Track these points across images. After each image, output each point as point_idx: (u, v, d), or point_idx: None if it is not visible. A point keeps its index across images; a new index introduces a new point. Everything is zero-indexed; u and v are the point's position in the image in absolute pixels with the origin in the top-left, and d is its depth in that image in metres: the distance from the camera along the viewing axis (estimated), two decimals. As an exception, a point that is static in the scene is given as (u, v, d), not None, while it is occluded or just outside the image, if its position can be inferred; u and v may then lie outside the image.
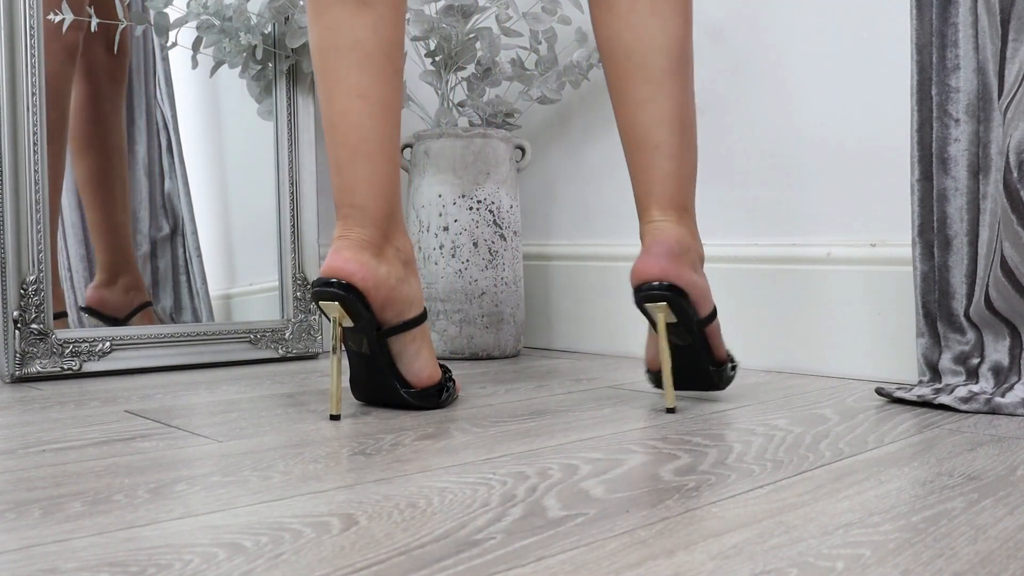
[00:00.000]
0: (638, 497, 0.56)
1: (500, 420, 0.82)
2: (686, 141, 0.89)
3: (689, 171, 0.90)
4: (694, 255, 0.88)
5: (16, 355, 1.10)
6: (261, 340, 1.30)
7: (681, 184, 0.89)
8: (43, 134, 1.12)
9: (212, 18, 1.25)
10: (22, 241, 1.10)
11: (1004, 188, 0.84)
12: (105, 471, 0.62)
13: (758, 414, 0.85)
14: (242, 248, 1.40)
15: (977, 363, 0.91)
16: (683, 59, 0.89)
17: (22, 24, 1.11)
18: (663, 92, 0.88)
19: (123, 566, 0.43)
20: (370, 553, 0.45)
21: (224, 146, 1.41)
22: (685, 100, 0.89)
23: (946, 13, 0.92)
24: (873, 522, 0.50)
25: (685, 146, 0.89)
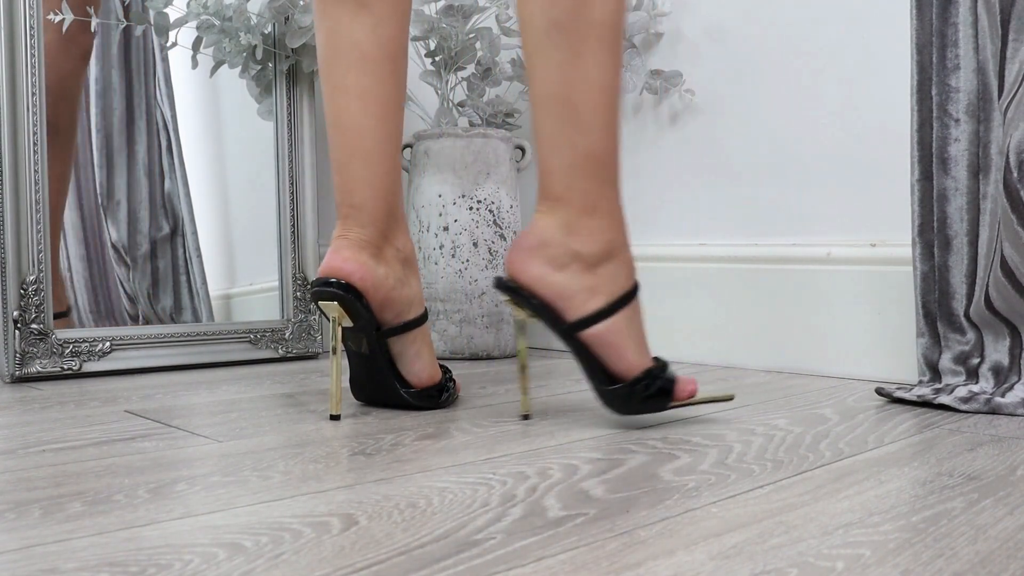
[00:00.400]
0: (638, 497, 0.56)
1: (500, 420, 0.82)
2: (567, 121, 0.76)
3: (569, 157, 0.77)
4: (560, 250, 0.77)
5: (16, 355, 1.10)
6: (261, 340, 1.30)
7: (555, 171, 0.78)
8: (43, 134, 1.12)
9: (212, 18, 1.25)
10: (22, 241, 1.10)
11: (1004, 188, 0.84)
12: (105, 471, 0.62)
13: (758, 414, 0.85)
14: (242, 248, 1.40)
15: (977, 363, 0.91)
16: (570, 25, 0.75)
17: (22, 24, 1.11)
18: (540, 63, 0.77)
19: (123, 566, 0.43)
20: (370, 553, 0.45)
21: (224, 146, 1.41)
22: (569, 74, 0.76)
23: (946, 13, 0.92)
24: (873, 522, 0.50)
25: (563, 127, 0.77)
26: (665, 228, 1.33)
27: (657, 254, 1.32)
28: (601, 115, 0.77)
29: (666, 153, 1.33)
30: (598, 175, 0.77)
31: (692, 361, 1.26)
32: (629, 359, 0.77)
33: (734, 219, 1.24)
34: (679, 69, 1.28)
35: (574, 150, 0.77)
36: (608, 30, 0.76)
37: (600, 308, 0.77)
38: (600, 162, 0.77)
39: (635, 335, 0.79)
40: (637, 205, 1.37)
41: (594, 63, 0.76)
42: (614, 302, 0.78)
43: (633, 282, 0.80)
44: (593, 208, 0.77)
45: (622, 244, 0.80)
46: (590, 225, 0.77)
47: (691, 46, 1.29)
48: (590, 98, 0.76)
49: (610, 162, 0.78)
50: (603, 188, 0.78)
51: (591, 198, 0.77)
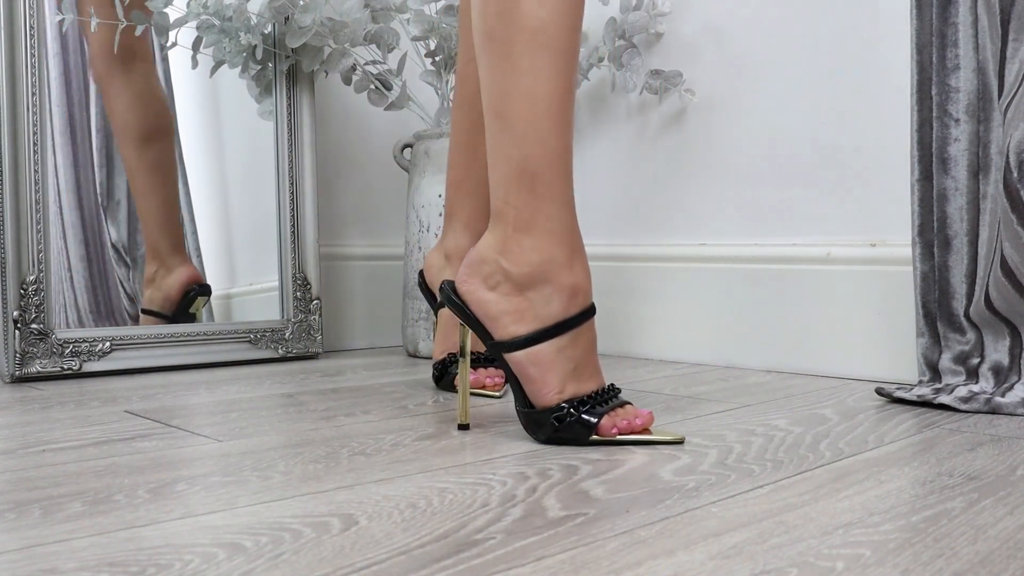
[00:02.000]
0: (638, 497, 0.56)
1: (500, 420, 0.82)
2: (501, 132, 0.73)
3: (504, 170, 0.74)
4: (492, 268, 0.74)
5: (16, 355, 1.10)
6: (261, 340, 1.30)
7: (494, 185, 0.75)
8: (43, 134, 1.12)
9: (212, 18, 1.25)
10: (22, 241, 1.10)
11: (1004, 188, 0.84)
12: (105, 471, 0.62)
13: (758, 414, 0.85)
14: (242, 248, 1.40)
15: (977, 363, 0.91)
16: (500, 34, 0.72)
17: (22, 24, 1.11)
18: (481, 74, 0.75)
19: (123, 566, 0.43)
20: (370, 553, 0.45)
21: (224, 146, 1.41)
22: (502, 84, 0.73)
23: (946, 13, 0.92)
24: (873, 522, 0.50)
25: (499, 139, 0.74)
26: (665, 228, 1.33)
27: (657, 254, 1.32)
28: (535, 126, 0.72)
29: (666, 153, 1.33)
30: (534, 190, 0.72)
31: (692, 361, 1.26)
32: (546, 392, 0.72)
33: (734, 219, 1.24)
34: (679, 69, 1.28)
35: (509, 163, 0.73)
36: (541, 35, 0.71)
37: (521, 336, 0.72)
38: (535, 176, 0.72)
39: (562, 366, 0.72)
40: (637, 205, 1.37)
41: (527, 71, 0.72)
42: (538, 332, 0.72)
43: (574, 310, 0.73)
44: (527, 226, 0.73)
45: (560, 266, 0.73)
46: (523, 244, 0.73)
47: (691, 46, 1.29)
48: (522, 108, 0.72)
49: (550, 176, 0.73)
50: (540, 204, 0.73)
51: (525, 214, 0.73)
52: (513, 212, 0.73)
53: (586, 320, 0.74)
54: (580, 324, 0.73)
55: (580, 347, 0.73)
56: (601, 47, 1.33)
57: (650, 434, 0.72)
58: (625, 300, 1.36)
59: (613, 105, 1.39)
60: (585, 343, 0.74)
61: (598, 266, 1.41)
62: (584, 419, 0.71)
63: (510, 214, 0.74)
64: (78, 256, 1.27)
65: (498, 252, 0.74)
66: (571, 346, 0.73)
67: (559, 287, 0.73)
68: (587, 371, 0.74)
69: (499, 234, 0.74)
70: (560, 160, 0.73)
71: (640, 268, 1.34)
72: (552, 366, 0.72)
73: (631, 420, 0.72)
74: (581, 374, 0.73)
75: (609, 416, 0.72)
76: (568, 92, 0.73)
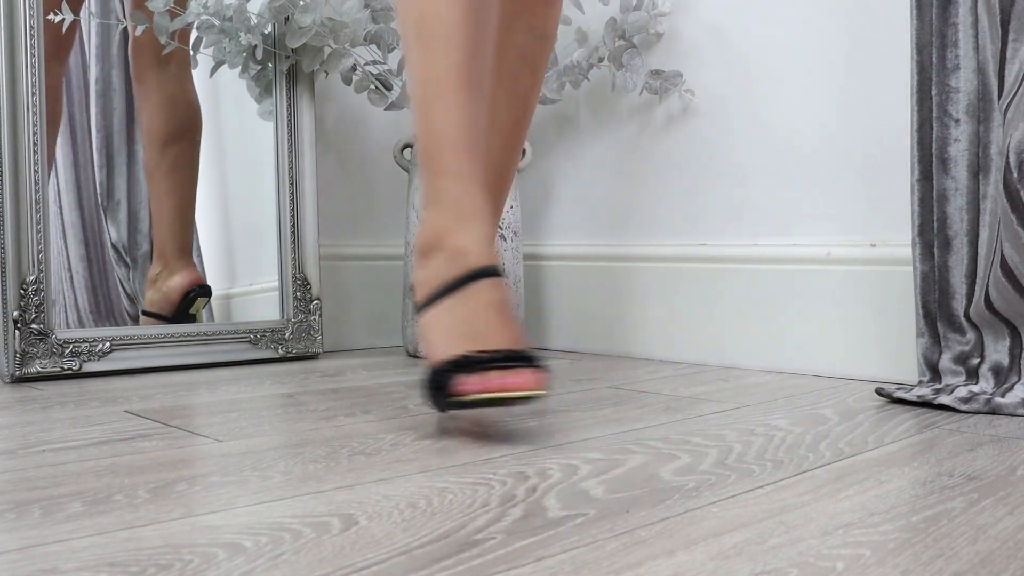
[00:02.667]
0: (638, 497, 0.56)
1: (500, 420, 0.82)
2: (419, 121, 0.80)
3: (424, 164, 0.80)
4: (414, 244, 0.82)
5: (16, 355, 1.10)
6: (261, 340, 1.30)
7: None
8: (43, 134, 1.12)
9: (212, 18, 1.25)
10: (22, 241, 1.10)
11: (1004, 188, 0.84)
12: (105, 471, 0.62)
13: (758, 414, 0.85)
14: (242, 248, 1.40)
15: (977, 363, 0.91)
16: (400, 27, 0.80)
17: (22, 24, 1.11)
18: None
19: (123, 566, 0.43)
20: (370, 553, 0.45)
21: (224, 146, 1.41)
22: (415, 77, 0.80)
23: (946, 13, 0.92)
24: (873, 522, 0.50)
25: (418, 127, 0.80)
26: (665, 228, 1.33)
27: (657, 254, 1.32)
28: (424, 109, 0.79)
29: (666, 153, 1.33)
30: (429, 167, 0.79)
31: (692, 361, 1.26)
32: (432, 353, 0.74)
33: (734, 219, 1.24)
34: (679, 69, 1.28)
35: (424, 155, 0.80)
36: (423, 27, 0.79)
37: (418, 302, 0.78)
38: (428, 155, 0.79)
39: (448, 327, 0.74)
40: (637, 205, 1.37)
41: (414, 61, 0.80)
42: (428, 296, 0.76)
43: (457, 271, 0.75)
44: (427, 201, 0.80)
45: (449, 232, 0.77)
46: (424, 218, 0.80)
47: (691, 46, 1.29)
48: (415, 94, 0.80)
49: (438, 153, 0.79)
50: (433, 179, 0.79)
51: (426, 191, 0.80)
52: (422, 191, 0.81)
53: (473, 280, 0.75)
54: (465, 284, 0.74)
55: (471, 307, 0.74)
56: (601, 47, 1.33)
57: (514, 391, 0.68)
58: (625, 300, 1.36)
59: (613, 105, 1.39)
60: (478, 304, 0.74)
61: (598, 266, 1.41)
62: (442, 377, 0.71)
63: (423, 194, 0.81)
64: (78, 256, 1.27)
65: (417, 230, 0.82)
66: (460, 306, 0.74)
67: (446, 253, 0.77)
68: (485, 333, 0.73)
69: (425, 218, 0.81)
70: (448, 136, 0.78)
71: (640, 268, 1.34)
72: (438, 327, 0.75)
73: (502, 379, 0.69)
74: (475, 335, 0.72)
75: (480, 375, 0.69)
76: (454, 74, 0.78)
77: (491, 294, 0.75)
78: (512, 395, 0.69)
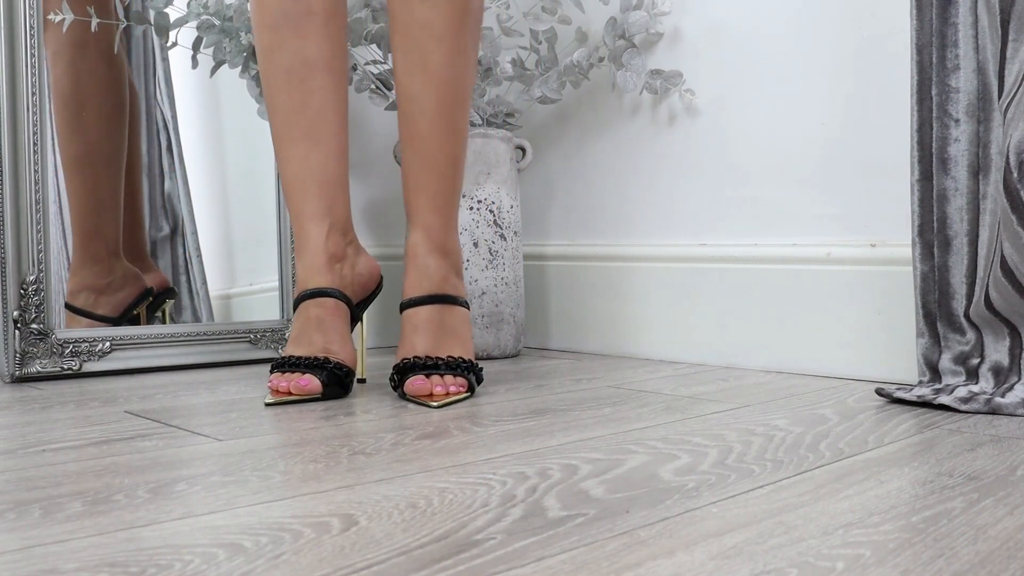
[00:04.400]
0: (638, 497, 0.56)
1: (500, 420, 0.82)
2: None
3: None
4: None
5: (16, 355, 1.10)
6: (261, 340, 1.30)
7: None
8: (43, 134, 1.12)
9: (212, 18, 1.25)
10: (22, 241, 1.10)
11: (1004, 188, 0.84)
12: (105, 471, 0.62)
13: (758, 414, 0.85)
14: (242, 248, 1.40)
15: (977, 363, 0.91)
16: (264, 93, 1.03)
17: (22, 24, 1.11)
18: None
19: (123, 566, 0.43)
20: (370, 553, 0.45)
21: (224, 146, 1.41)
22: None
23: (946, 13, 0.92)
24: (873, 522, 0.50)
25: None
26: (665, 228, 1.33)
27: (657, 254, 1.32)
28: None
29: (666, 153, 1.33)
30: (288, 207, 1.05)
31: (692, 361, 1.26)
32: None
33: (734, 219, 1.24)
34: (679, 69, 1.28)
35: None
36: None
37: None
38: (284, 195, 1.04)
39: (289, 337, 1.00)
40: (637, 205, 1.37)
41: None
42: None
43: (296, 295, 0.99)
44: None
45: (297, 263, 1.02)
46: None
47: (691, 46, 1.29)
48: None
49: (286, 196, 1.02)
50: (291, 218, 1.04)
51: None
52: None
53: (301, 301, 0.98)
54: (298, 304, 0.98)
55: (299, 321, 0.97)
56: (601, 47, 1.33)
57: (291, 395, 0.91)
58: (625, 300, 1.36)
59: (613, 105, 1.39)
60: (302, 319, 0.97)
61: (599, 266, 1.41)
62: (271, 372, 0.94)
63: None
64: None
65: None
66: (296, 319, 0.97)
67: (297, 279, 1.03)
68: (300, 340, 0.95)
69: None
70: (289, 181, 1.01)
71: (640, 268, 1.34)
72: (289, 337, 1.03)
73: (292, 380, 0.91)
74: (296, 342, 0.95)
75: (281, 375, 0.92)
76: (284, 131, 1.00)
77: (312, 311, 0.96)
78: (296, 396, 0.91)
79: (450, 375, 0.92)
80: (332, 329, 0.95)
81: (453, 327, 0.97)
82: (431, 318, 0.96)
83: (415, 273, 0.98)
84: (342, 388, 0.94)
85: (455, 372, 0.93)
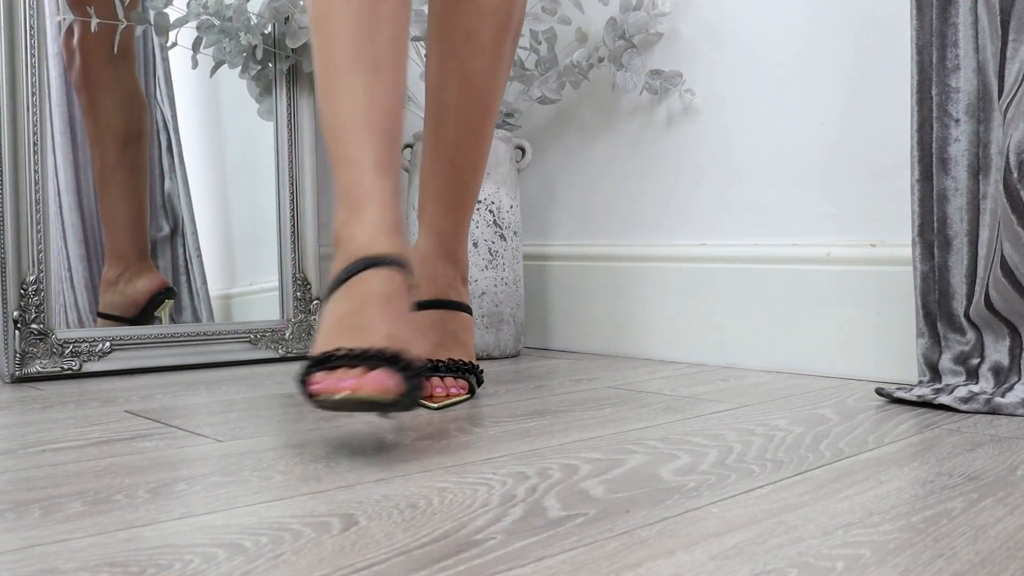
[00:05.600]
0: (638, 497, 0.56)
1: (500, 420, 0.82)
2: (319, 112, 0.84)
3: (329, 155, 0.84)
4: None
5: (16, 355, 1.10)
6: (261, 340, 1.30)
7: None
8: (43, 134, 1.12)
9: (212, 18, 1.25)
10: (22, 241, 1.10)
11: (1004, 188, 0.84)
12: (105, 471, 0.62)
13: (758, 414, 0.85)
14: (242, 248, 1.40)
15: (977, 363, 0.91)
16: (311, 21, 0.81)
17: (22, 24, 1.11)
18: None
19: (123, 566, 0.43)
20: (370, 553, 0.45)
21: (224, 146, 1.41)
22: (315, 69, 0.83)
23: (946, 13, 0.92)
24: (873, 522, 0.50)
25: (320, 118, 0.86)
26: (665, 228, 1.33)
27: (657, 254, 1.32)
28: (317, 96, 0.82)
29: (666, 153, 1.33)
30: (331, 158, 0.81)
31: (692, 361, 1.26)
32: (313, 348, 0.70)
33: (734, 219, 1.24)
34: (679, 69, 1.28)
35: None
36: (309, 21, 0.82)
37: (324, 296, 0.78)
38: (327, 143, 0.81)
39: (329, 323, 0.71)
40: (637, 205, 1.37)
41: (312, 51, 0.82)
42: (327, 289, 0.75)
43: (341, 265, 0.74)
44: (336, 191, 0.81)
45: (344, 223, 0.77)
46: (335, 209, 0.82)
47: (691, 46, 1.29)
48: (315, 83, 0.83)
49: (330, 142, 0.80)
50: (335, 169, 0.80)
51: (335, 182, 0.81)
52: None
53: (358, 272, 0.71)
54: (351, 276, 0.71)
55: (351, 300, 0.70)
56: (601, 47, 1.33)
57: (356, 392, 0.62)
58: (625, 300, 1.36)
59: (613, 105, 1.39)
60: (357, 297, 0.70)
61: (599, 266, 1.41)
62: (304, 374, 0.67)
63: None
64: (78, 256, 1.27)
65: None
66: (344, 299, 0.71)
67: (340, 244, 0.76)
68: (354, 324, 0.68)
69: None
70: (340, 123, 0.78)
71: (640, 268, 1.34)
72: (324, 322, 0.71)
73: (353, 380, 0.63)
74: (344, 327, 0.68)
75: (332, 374, 0.65)
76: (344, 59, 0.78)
77: (373, 286, 0.70)
78: (361, 398, 0.62)
79: (450, 377, 0.91)
80: (401, 313, 0.70)
81: (455, 331, 0.94)
82: (434, 322, 0.94)
83: (422, 276, 0.94)
84: (413, 397, 0.66)
85: (456, 374, 0.92)
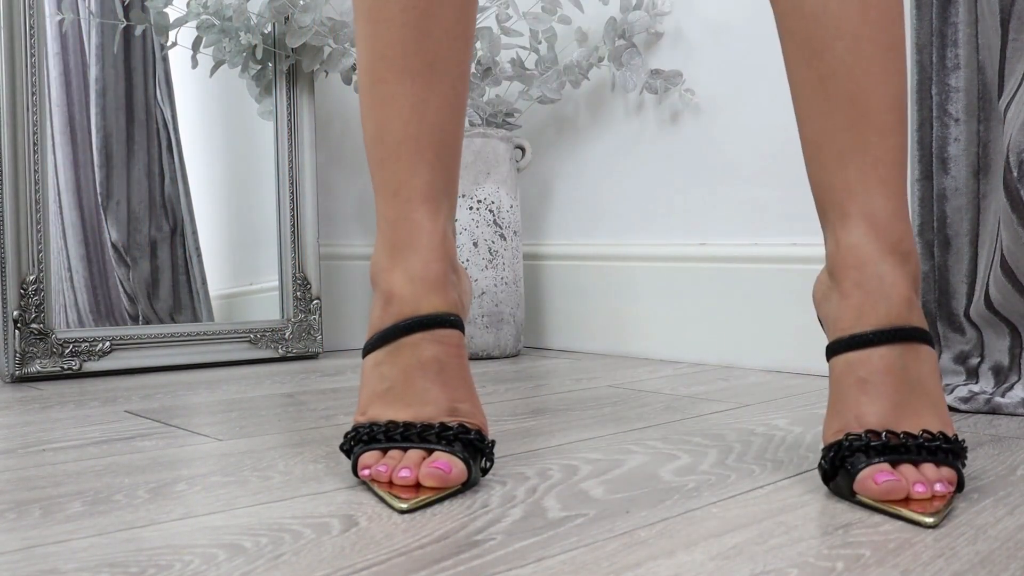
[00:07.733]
0: (638, 497, 0.56)
1: (500, 420, 0.82)
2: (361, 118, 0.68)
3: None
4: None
5: (16, 355, 1.10)
6: (261, 340, 1.30)
7: None
8: (43, 134, 1.12)
9: (212, 18, 1.25)
10: (22, 241, 1.10)
11: (1004, 188, 0.84)
12: (105, 471, 0.62)
13: (758, 414, 0.85)
14: (242, 248, 1.40)
15: (977, 363, 0.91)
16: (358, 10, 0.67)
17: (22, 24, 1.11)
18: None
19: (123, 566, 0.43)
20: (370, 554, 0.45)
21: (224, 146, 1.41)
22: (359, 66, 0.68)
23: (946, 13, 0.92)
24: (873, 522, 0.50)
25: (362, 125, 0.69)
26: (665, 228, 1.33)
27: (657, 253, 1.32)
28: (361, 99, 0.68)
29: (666, 153, 1.33)
30: (372, 177, 0.69)
31: (692, 361, 1.26)
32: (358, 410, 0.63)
33: (734, 219, 1.24)
34: (679, 69, 1.28)
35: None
36: (355, 12, 0.67)
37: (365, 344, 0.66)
38: (368, 159, 0.68)
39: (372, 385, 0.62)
40: (637, 205, 1.37)
41: (357, 45, 0.68)
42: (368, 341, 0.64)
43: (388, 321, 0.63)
44: (377, 217, 0.68)
45: (382, 268, 0.65)
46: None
47: (691, 46, 1.29)
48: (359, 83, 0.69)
49: (373, 162, 0.67)
50: (376, 194, 0.68)
51: (376, 205, 0.68)
52: None
53: (407, 334, 0.61)
54: (398, 338, 0.61)
55: (400, 367, 0.61)
56: (601, 47, 1.33)
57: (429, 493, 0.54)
58: (625, 300, 1.36)
59: (613, 105, 1.39)
60: (408, 363, 0.61)
61: (598, 266, 1.41)
62: (349, 446, 0.60)
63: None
64: (78, 256, 1.27)
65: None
66: (390, 362, 0.61)
67: (380, 293, 0.64)
68: (405, 397, 0.60)
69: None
70: (385, 138, 0.65)
71: (640, 267, 1.34)
72: (367, 382, 0.62)
73: (389, 470, 0.56)
74: (394, 398, 0.60)
75: (382, 456, 0.58)
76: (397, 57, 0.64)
77: (424, 354, 0.61)
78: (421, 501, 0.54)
79: (930, 464, 0.55)
80: (458, 379, 0.61)
81: (920, 379, 0.58)
82: (891, 366, 0.58)
83: (860, 292, 0.60)
84: (481, 466, 0.59)
85: (936, 458, 0.55)
